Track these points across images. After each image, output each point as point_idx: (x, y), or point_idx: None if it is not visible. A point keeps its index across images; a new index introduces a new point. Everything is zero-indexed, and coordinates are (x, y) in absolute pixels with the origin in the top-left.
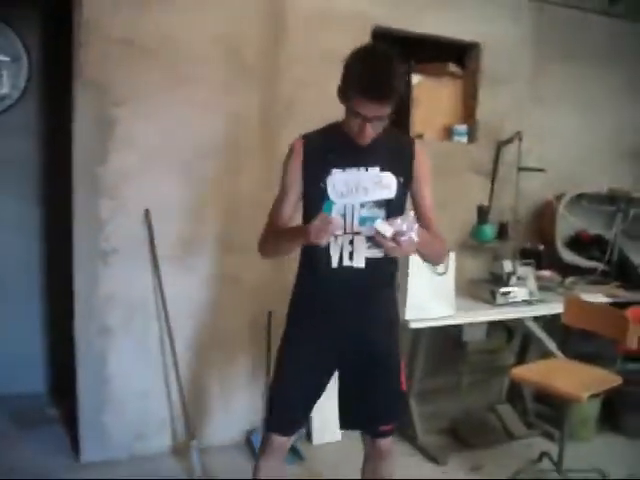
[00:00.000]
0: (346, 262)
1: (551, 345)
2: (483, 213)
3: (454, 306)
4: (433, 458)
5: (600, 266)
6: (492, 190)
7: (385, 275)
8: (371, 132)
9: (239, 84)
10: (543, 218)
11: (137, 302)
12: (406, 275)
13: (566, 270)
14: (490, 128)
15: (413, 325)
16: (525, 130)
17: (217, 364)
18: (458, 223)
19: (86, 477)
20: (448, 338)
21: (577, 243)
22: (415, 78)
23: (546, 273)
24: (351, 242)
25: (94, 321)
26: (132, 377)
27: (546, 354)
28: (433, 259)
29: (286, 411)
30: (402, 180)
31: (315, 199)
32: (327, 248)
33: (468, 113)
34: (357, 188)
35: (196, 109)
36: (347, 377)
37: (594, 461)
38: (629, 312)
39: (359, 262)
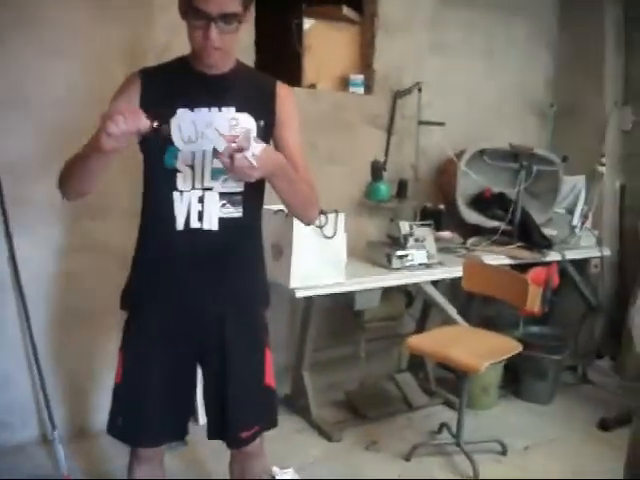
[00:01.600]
0: (194, 224)
1: (451, 311)
2: (377, 169)
3: (344, 272)
4: (326, 434)
5: (502, 226)
6: (388, 144)
7: (245, 240)
8: (218, 41)
9: (103, 27)
10: (444, 176)
11: None
12: (290, 239)
13: (468, 231)
14: (388, 79)
15: (299, 294)
16: (425, 82)
17: (85, 342)
18: (353, 181)
19: None
20: (342, 307)
21: (479, 202)
22: (307, 22)
23: (446, 234)
24: (201, 199)
25: None
26: None
27: (448, 320)
28: (297, 205)
29: (133, 419)
30: (262, 124)
31: (154, 145)
32: (171, 207)
33: (365, 62)
34: (210, 131)
35: (51, 55)
36: (204, 372)
37: (495, 430)
38: (531, 274)
39: (211, 224)
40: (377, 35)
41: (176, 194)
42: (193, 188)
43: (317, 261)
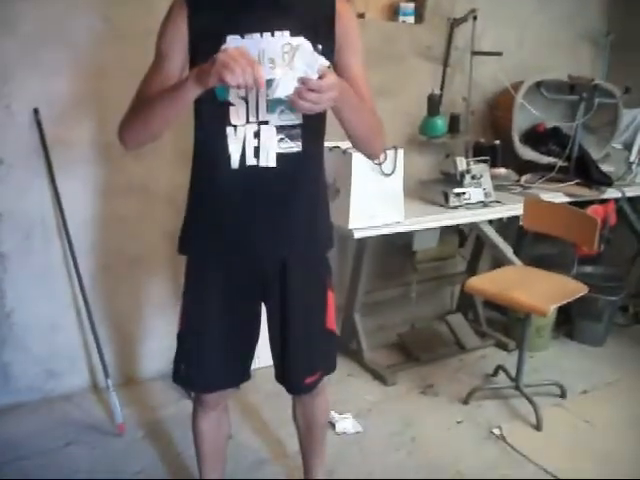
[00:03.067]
0: (250, 161)
1: (508, 251)
2: (434, 103)
3: (403, 211)
4: (381, 378)
5: (559, 162)
6: (444, 77)
7: (306, 177)
8: None
9: None
10: (497, 109)
11: (33, 221)
12: (348, 178)
13: (522, 167)
14: (440, 6)
15: (357, 235)
16: (479, 10)
17: (133, 287)
18: (404, 115)
19: None
20: (395, 246)
21: (532, 137)
22: None
23: (502, 171)
24: (257, 134)
25: None
26: (36, 308)
27: (499, 260)
28: (363, 137)
29: (197, 366)
30: (322, 48)
31: None
32: (224, 143)
33: None
34: (263, 59)
35: None
36: (268, 315)
37: (550, 373)
38: (588, 212)
39: (268, 160)
40: None
41: (230, 129)
42: (248, 122)
43: (375, 200)
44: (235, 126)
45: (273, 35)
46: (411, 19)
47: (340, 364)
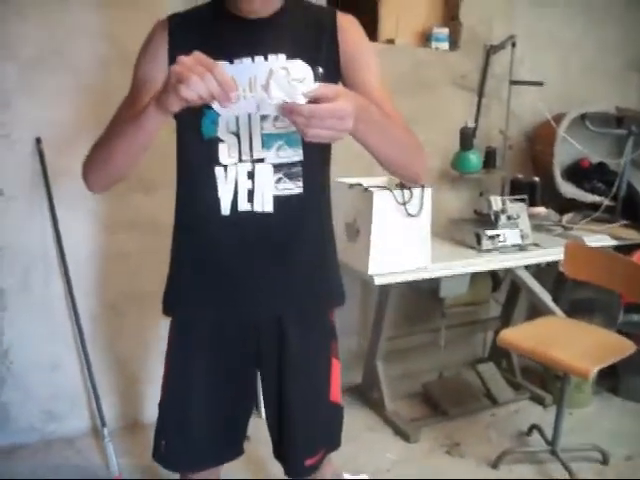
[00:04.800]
0: (243, 206)
1: (547, 299)
2: (468, 137)
3: (430, 255)
4: (403, 433)
5: (605, 201)
6: (479, 108)
7: (308, 223)
8: None
9: None
10: (538, 143)
11: (34, 256)
12: (369, 218)
13: (563, 206)
14: (476, 32)
15: (378, 281)
16: (517, 36)
17: (136, 327)
18: (435, 149)
19: None
20: (421, 290)
21: (576, 173)
22: None
23: (541, 210)
24: (250, 175)
25: None
26: (35, 347)
27: (536, 306)
28: (398, 157)
29: (180, 443)
30: (322, 71)
31: (188, 109)
32: (213, 186)
33: (449, 14)
34: (255, 87)
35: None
36: (263, 383)
37: (591, 434)
38: (637, 256)
39: (264, 204)
40: None
41: (219, 170)
42: (240, 161)
43: (399, 243)
44: (225, 166)
45: (266, 59)
46: (445, 45)
47: (359, 416)
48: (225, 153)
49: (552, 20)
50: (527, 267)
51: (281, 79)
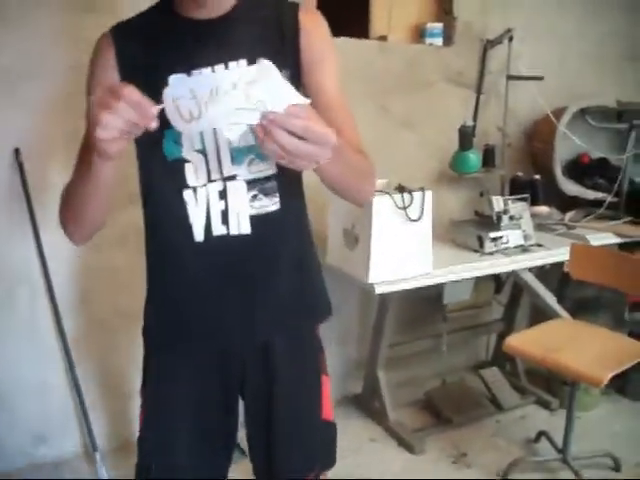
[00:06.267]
0: (218, 230)
1: (552, 301)
2: (466, 136)
3: (431, 261)
4: (407, 444)
5: (608, 198)
6: (477, 105)
7: (288, 241)
8: None
9: None
10: (536, 139)
11: (16, 274)
12: (368, 224)
13: (565, 203)
14: (471, 27)
15: (379, 290)
16: (514, 29)
17: (127, 342)
18: (432, 148)
19: None
20: (422, 296)
21: (576, 169)
22: None
23: (543, 209)
24: (222, 194)
25: None
26: (22, 368)
27: (539, 307)
28: (350, 183)
29: (161, 473)
30: (288, 73)
31: (147, 131)
32: (183, 211)
33: (443, 8)
34: (215, 101)
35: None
36: (248, 409)
37: (601, 439)
38: None
39: (240, 226)
40: None
41: (188, 193)
42: (209, 181)
43: (400, 249)
44: (194, 187)
45: (227, 67)
46: (439, 41)
47: (360, 426)
48: (192, 174)
49: (549, 12)
50: (530, 269)
51: (272, 79)
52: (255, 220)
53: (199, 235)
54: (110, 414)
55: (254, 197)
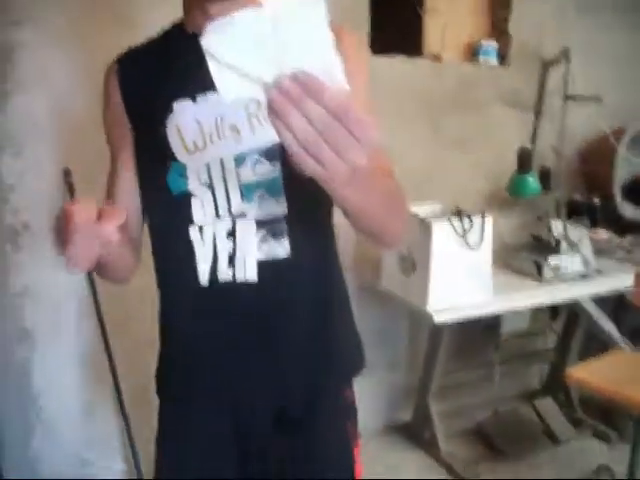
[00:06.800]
0: (224, 274)
1: (613, 332)
2: (527, 159)
3: (491, 289)
4: (459, 476)
5: None
6: (536, 127)
7: (302, 290)
8: None
9: None
10: (592, 161)
11: (63, 295)
12: (427, 251)
13: (624, 227)
14: (526, 46)
15: (438, 318)
16: (570, 48)
17: None
18: (484, 170)
19: None
20: (475, 323)
21: (634, 192)
22: None
23: (602, 234)
24: (230, 234)
25: (8, 324)
26: (67, 390)
27: (595, 335)
28: (376, 221)
29: None
30: None
31: (151, 162)
32: (189, 251)
33: (498, 26)
34: (222, 130)
35: (135, 29)
36: (266, 472)
37: None
38: None
39: (246, 272)
40: None
41: (194, 231)
42: (217, 217)
43: (459, 277)
44: (201, 226)
45: None
46: (493, 60)
47: (410, 457)
48: (199, 210)
49: (605, 30)
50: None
51: (312, 22)
52: (263, 266)
53: (204, 278)
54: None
55: (263, 239)
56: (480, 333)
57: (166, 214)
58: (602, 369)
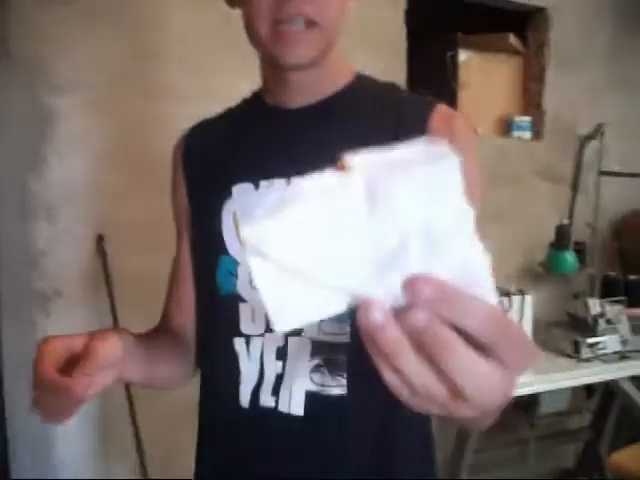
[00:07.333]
0: (266, 399)
1: None
2: (565, 235)
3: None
4: None
5: None
6: (573, 202)
7: (362, 433)
8: (305, 5)
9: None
10: (627, 237)
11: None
12: None
13: None
14: (560, 121)
15: None
16: (605, 124)
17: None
18: (518, 244)
19: None
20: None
21: None
22: (463, 54)
23: (638, 312)
24: (281, 353)
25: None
26: (90, 460)
27: (633, 416)
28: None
29: None
30: None
31: (202, 253)
32: (232, 365)
33: (531, 101)
34: None
35: (169, 95)
36: None
37: None
38: None
39: (291, 403)
40: (547, 68)
41: (240, 342)
42: (268, 330)
43: None
44: (248, 336)
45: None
46: (527, 134)
47: None
48: (248, 317)
49: (638, 104)
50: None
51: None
52: (312, 400)
53: (245, 400)
54: (164, 448)
55: (317, 368)
56: (515, 410)
57: (212, 315)
58: None
